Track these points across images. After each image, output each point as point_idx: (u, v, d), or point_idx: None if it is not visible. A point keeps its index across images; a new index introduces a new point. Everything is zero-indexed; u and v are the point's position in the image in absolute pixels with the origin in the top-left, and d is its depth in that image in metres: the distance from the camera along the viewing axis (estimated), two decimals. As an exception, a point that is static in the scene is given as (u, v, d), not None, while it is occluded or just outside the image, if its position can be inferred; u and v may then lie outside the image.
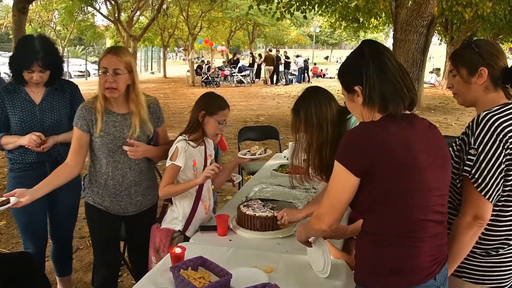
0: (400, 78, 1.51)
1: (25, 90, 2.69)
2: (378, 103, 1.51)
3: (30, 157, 2.70)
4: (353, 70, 1.58)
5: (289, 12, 10.76)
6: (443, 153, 1.59)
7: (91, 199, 2.53)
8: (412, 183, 1.47)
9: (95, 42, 32.60)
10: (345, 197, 1.52)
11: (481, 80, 1.74)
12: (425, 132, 1.57)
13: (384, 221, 1.51)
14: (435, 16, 7.97)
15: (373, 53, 1.54)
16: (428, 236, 1.52)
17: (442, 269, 1.57)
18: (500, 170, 1.65)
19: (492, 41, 1.82)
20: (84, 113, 2.39)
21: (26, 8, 7.24)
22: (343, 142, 1.52)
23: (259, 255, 2.12)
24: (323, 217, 1.60)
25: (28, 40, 2.69)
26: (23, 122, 2.65)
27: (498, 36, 16.98)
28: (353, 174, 1.47)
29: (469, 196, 1.70)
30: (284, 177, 3.25)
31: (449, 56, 1.87)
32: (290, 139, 7.01)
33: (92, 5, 19.28)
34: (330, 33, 49.95)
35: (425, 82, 18.37)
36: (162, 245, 2.45)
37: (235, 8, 24.23)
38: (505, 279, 1.79)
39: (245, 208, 2.49)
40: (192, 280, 1.81)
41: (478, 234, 1.71)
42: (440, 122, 11.48)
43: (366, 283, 1.59)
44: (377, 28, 18.05)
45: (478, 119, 1.69)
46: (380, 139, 1.46)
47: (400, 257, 1.51)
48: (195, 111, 2.51)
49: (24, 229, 2.80)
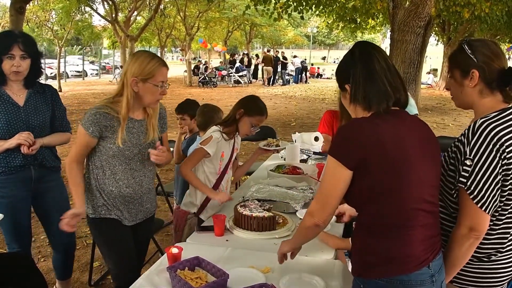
0: (386, 79, 1.59)
1: (6, 93, 2.61)
2: (361, 101, 1.60)
3: (15, 161, 2.63)
4: (344, 70, 1.69)
5: (286, 12, 10.79)
6: (433, 146, 1.65)
7: (100, 211, 2.35)
8: (403, 175, 1.53)
9: (92, 42, 32.47)
10: (338, 191, 1.57)
11: (473, 82, 1.69)
12: (415, 126, 1.65)
13: (378, 212, 1.56)
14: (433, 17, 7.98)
15: (362, 55, 1.63)
16: (420, 225, 1.57)
17: (435, 258, 1.61)
18: (496, 181, 1.61)
19: (490, 42, 1.74)
20: (99, 118, 2.22)
21: (23, 8, 7.24)
22: (336, 137, 1.59)
23: (256, 256, 2.12)
24: (316, 212, 1.62)
25: (6, 31, 2.71)
26: (9, 125, 2.58)
27: (496, 36, 17.04)
28: (346, 167, 1.52)
29: (465, 208, 1.66)
30: (281, 177, 3.25)
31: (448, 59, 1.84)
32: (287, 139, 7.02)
33: (89, 5, 19.23)
34: (327, 33, 50.08)
35: (422, 83, 18.37)
36: (178, 225, 2.75)
37: (232, 9, 24.23)
38: (496, 286, 1.77)
39: (242, 208, 2.50)
40: (189, 280, 1.81)
41: (475, 246, 1.68)
42: (437, 122, 11.51)
43: (362, 274, 1.63)
44: (375, 28, 18.07)
45: (474, 127, 1.65)
46: (371, 133, 1.53)
47: (394, 246, 1.57)
48: (235, 108, 2.72)
49: (8, 230, 2.75)
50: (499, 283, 1.77)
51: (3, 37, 2.66)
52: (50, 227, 2.94)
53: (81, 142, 2.28)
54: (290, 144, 3.79)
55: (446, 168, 1.74)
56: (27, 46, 2.60)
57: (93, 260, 3.51)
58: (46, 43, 24.83)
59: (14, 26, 6.89)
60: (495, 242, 1.72)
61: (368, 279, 1.62)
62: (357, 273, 1.66)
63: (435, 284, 1.59)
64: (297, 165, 3.48)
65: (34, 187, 2.76)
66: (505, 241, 1.73)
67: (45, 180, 2.80)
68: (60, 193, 2.92)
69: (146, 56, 2.21)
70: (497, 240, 1.72)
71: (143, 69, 2.17)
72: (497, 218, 1.70)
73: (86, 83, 23.46)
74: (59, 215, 2.90)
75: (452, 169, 1.71)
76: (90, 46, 35.19)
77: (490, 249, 1.73)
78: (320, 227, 1.66)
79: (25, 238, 2.85)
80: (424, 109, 14.08)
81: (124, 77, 2.22)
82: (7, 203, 2.65)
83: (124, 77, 2.22)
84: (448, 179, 1.73)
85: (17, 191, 2.68)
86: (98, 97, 16.08)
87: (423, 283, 1.56)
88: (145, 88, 2.20)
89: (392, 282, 1.56)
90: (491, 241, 1.72)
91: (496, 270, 1.75)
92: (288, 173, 3.34)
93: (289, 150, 3.81)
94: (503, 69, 1.68)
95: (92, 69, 29.02)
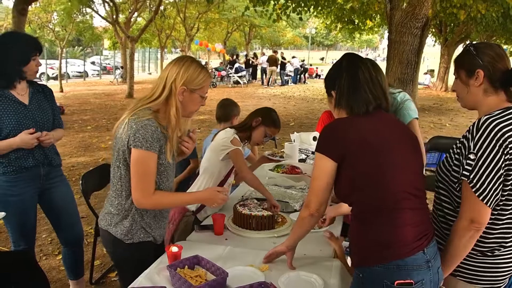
0: (368, 88, 1.77)
1: (11, 93, 2.65)
2: (345, 107, 1.79)
3: (27, 162, 2.69)
4: (331, 78, 1.87)
5: (285, 13, 10.80)
6: (410, 137, 1.81)
7: (139, 234, 2.11)
8: (386, 162, 1.67)
9: (93, 43, 32.49)
10: (326, 181, 1.72)
11: (478, 82, 1.76)
12: (392, 121, 1.83)
13: (366, 200, 1.68)
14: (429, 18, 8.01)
15: (348, 66, 1.82)
16: (408, 208, 1.67)
17: (430, 244, 1.70)
18: (499, 176, 1.65)
19: (495, 45, 1.82)
20: (159, 135, 1.98)
21: (25, 9, 7.28)
22: (320, 135, 1.76)
23: (255, 254, 2.14)
24: (310, 203, 1.78)
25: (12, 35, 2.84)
26: (19, 124, 2.62)
27: (492, 38, 17.06)
28: (331, 159, 1.69)
29: (467, 200, 1.71)
30: (280, 176, 3.28)
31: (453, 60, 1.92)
32: (286, 139, 7.06)
33: (90, 7, 19.24)
34: (325, 34, 50.06)
35: (419, 83, 18.40)
36: (174, 219, 2.70)
37: (232, 10, 24.24)
38: (499, 280, 1.81)
39: (241, 207, 2.52)
40: (188, 279, 1.83)
41: (475, 238, 1.73)
42: (434, 122, 11.55)
43: (360, 263, 1.71)
44: (372, 29, 18.07)
45: (478, 123, 1.70)
46: (352, 128, 1.72)
47: (385, 230, 1.66)
48: (253, 115, 2.79)
49: (15, 228, 2.79)
50: (502, 277, 1.81)
51: (30, 38, 2.77)
52: (59, 223, 2.98)
53: (150, 170, 1.99)
54: (289, 143, 3.82)
55: (451, 163, 1.80)
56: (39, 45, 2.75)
57: (94, 258, 3.54)
58: (48, 44, 24.80)
59: (16, 28, 6.92)
60: (498, 237, 1.76)
61: (365, 267, 1.68)
62: (356, 263, 1.74)
63: (432, 270, 1.66)
64: (295, 165, 3.50)
65: (42, 185, 2.81)
66: (508, 236, 1.77)
67: (51, 177, 2.86)
68: (66, 188, 2.98)
69: (197, 66, 2.06)
70: (501, 235, 1.76)
71: (195, 79, 2.02)
72: (499, 213, 1.74)
73: (87, 83, 23.45)
74: (68, 210, 2.97)
75: (457, 164, 1.77)
76: (91, 47, 35.16)
77: (494, 243, 1.77)
78: (314, 216, 1.81)
79: (31, 236, 2.89)
80: (421, 109, 14.07)
81: (171, 84, 2.00)
82: (16, 201, 2.69)
83: (171, 84, 2.00)
84: (453, 174, 1.78)
85: (27, 189, 2.73)
86: (99, 97, 16.13)
87: (419, 268, 1.63)
88: (191, 98, 2.05)
89: (389, 268, 1.63)
90: (494, 235, 1.76)
91: (500, 264, 1.79)
92: (287, 173, 3.36)
93: (288, 150, 3.84)
94: (506, 69, 1.76)
95: (93, 70, 29.01)
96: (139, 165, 1.96)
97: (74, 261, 3.11)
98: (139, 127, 1.93)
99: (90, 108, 13.19)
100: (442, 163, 1.88)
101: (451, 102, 16.26)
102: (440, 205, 1.90)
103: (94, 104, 14.21)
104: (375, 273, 1.66)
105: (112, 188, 2.11)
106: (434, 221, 1.94)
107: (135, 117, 1.95)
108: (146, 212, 2.11)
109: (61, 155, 3.01)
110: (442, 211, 1.89)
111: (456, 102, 2.31)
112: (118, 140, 2.01)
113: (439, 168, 1.89)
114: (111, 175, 2.11)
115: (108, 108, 13.26)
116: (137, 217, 2.09)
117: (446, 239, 1.84)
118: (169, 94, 2.01)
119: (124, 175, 2.03)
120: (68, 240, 3.05)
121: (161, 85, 2.02)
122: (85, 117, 11.55)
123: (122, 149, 1.98)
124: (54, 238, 4.14)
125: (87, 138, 9.04)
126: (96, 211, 3.29)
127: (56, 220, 2.99)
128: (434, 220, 1.94)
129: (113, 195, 2.09)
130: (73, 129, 9.86)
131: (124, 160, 2.00)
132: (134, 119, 1.95)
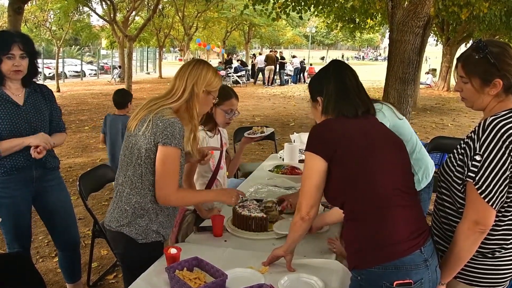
0: (355, 93, 1.82)
1: (5, 93, 2.61)
2: (332, 112, 1.82)
3: (18, 162, 2.63)
4: (318, 83, 1.90)
5: (284, 12, 10.76)
6: (395, 137, 1.86)
7: (151, 234, 2.10)
8: (374, 161, 1.70)
9: (90, 43, 32.48)
10: (317, 180, 1.72)
11: (495, 90, 1.70)
12: (377, 123, 1.88)
13: (356, 200, 1.69)
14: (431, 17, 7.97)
15: (336, 72, 1.86)
16: (398, 205, 1.68)
17: (426, 242, 1.69)
18: (505, 177, 1.63)
19: (505, 46, 1.72)
20: (184, 132, 2.05)
21: (21, 8, 7.25)
22: (309, 135, 1.79)
23: (255, 256, 2.12)
24: (300, 206, 1.78)
25: (4, 31, 2.74)
26: (12, 125, 2.57)
27: (495, 36, 17.00)
28: (321, 158, 1.70)
29: (472, 202, 1.68)
30: (280, 177, 3.25)
31: (460, 61, 1.80)
32: (286, 139, 7.04)
33: (87, 5, 19.23)
34: (326, 33, 50.15)
35: (421, 83, 18.41)
36: (175, 220, 2.59)
37: (231, 9, 24.26)
38: (500, 282, 1.79)
39: (241, 209, 2.50)
40: (187, 281, 1.81)
41: (479, 240, 1.70)
42: (436, 123, 11.54)
43: (357, 265, 1.70)
44: (373, 28, 18.04)
45: (484, 124, 1.67)
46: (340, 128, 1.76)
47: (378, 228, 1.66)
48: None
49: (9, 230, 2.75)
50: (503, 279, 1.79)
51: (2, 37, 2.66)
52: (54, 227, 2.95)
53: (178, 167, 2.05)
54: (289, 144, 3.79)
55: (454, 164, 1.76)
56: (26, 45, 2.62)
57: (92, 260, 3.51)
58: (45, 43, 24.80)
59: (12, 26, 6.90)
60: (499, 239, 1.74)
61: (363, 269, 1.66)
62: (352, 266, 1.72)
63: (430, 269, 1.65)
64: (295, 165, 3.49)
65: (35, 187, 2.76)
66: (509, 238, 1.74)
67: (46, 179, 2.80)
68: (62, 192, 2.93)
69: (213, 69, 2.18)
70: (502, 237, 1.74)
71: (212, 82, 2.13)
72: (503, 215, 1.71)
73: (85, 83, 23.42)
74: (62, 214, 2.93)
75: (461, 165, 1.73)
76: (88, 46, 35.16)
77: (495, 245, 1.75)
78: (304, 220, 1.78)
79: (26, 238, 2.85)
80: (423, 109, 14.11)
81: (192, 86, 2.07)
82: (8, 203, 2.65)
83: (192, 86, 2.07)
84: (457, 175, 1.75)
85: (19, 191, 2.68)
86: (97, 97, 16.10)
87: (417, 267, 1.62)
88: (206, 99, 2.15)
89: (387, 269, 1.62)
90: (495, 237, 1.74)
91: (500, 266, 1.77)
92: (287, 173, 3.35)
93: (287, 150, 3.81)
94: None
95: (90, 69, 28.98)
96: (169, 162, 1.99)
97: (70, 264, 3.08)
98: (167, 125, 1.97)
99: (87, 108, 13.16)
100: (444, 164, 1.85)
101: (453, 102, 16.26)
102: (442, 205, 1.87)
103: (92, 104, 14.17)
104: (373, 274, 1.64)
105: (129, 186, 2.07)
106: (436, 222, 1.92)
107: (159, 115, 1.99)
108: (161, 211, 2.11)
109: (58, 156, 2.96)
110: (444, 212, 1.86)
111: (458, 102, 2.28)
112: (138, 138, 2.01)
113: (441, 168, 1.86)
114: (123, 173, 2.09)
115: (106, 108, 13.15)
116: (153, 216, 2.10)
117: (448, 240, 1.81)
118: (190, 95, 2.07)
119: (145, 173, 2.03)
120: (64, 245, 3.02)
121: (182, 86, 2.07)
122: (82, 117, 11.51)
123: (145, 147, 1.99)
124: (50, 240, 4.08)
125: (84, 139, 9.00)
126: (93, 212, 3.26)
127: (51, 224, 2.95)
128: (436, 221, 1.92)
129: (131, 193, 2.07)
130: (70, 130, 9.82)
131: (146, 158, 2.00)
132: (159, 117, 1.98)
